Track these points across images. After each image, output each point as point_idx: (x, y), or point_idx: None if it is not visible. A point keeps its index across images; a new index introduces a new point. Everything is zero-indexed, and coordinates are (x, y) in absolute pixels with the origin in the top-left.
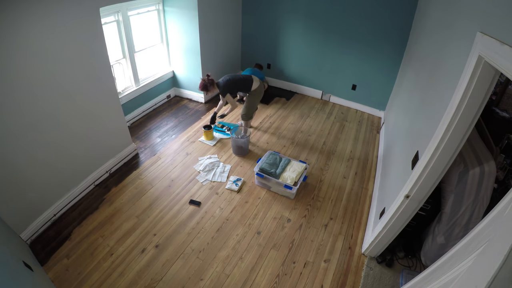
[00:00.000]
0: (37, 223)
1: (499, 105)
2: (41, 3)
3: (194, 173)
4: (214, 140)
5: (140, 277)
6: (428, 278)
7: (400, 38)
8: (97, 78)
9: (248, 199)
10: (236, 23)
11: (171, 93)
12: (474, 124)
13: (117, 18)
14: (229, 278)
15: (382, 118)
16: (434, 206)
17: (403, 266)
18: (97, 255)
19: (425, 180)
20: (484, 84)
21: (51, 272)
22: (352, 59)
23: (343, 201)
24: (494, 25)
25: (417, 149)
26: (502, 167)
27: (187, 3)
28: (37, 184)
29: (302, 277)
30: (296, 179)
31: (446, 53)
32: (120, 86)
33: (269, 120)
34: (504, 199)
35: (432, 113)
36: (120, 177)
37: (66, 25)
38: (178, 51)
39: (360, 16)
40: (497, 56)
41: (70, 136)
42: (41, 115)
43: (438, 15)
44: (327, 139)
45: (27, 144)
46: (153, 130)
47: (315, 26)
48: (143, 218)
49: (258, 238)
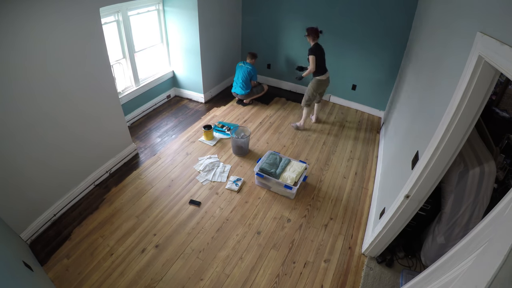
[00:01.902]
0: (37, 223)
1: (499, 105)
2: (41, 3)
3: (194, 173)
4: (214, 140)
5: (140, 277)
6: (428, 278)
7: (400, 38)
8: (97, 78)
9: (248, 199)
10: (236, 23)
11: (171, 93)
12: (474, 124)
13: (117, 18)
14: (229, 278)
15: (382, 118)
16: (434, 206)
17: (403, 266)
18: (97, 255)
19: (425, 180)
20: (484, 84)
21: (51, 272)
22: (352, 59)
23: (343, 201)
24: (494, 25)
25: (417, 149)
26: (502, 167)
27: (187, 3)
28: (37, 184)
29: (302, 277)
30: (296, 179)
31: (446, 53)
32: (120, 86)
33: (269, 120)
34: (504, 199)
35: (432, 113)
36: (120, 177)
37: (66, 25)
38: (178, 51)
39: (360, 16)
40: (497, 56)
41: (70, 136)
42: (40, 115)
43: (438, 15)
44: (327, 139)
45: (27, 144)
46: (153, 130)
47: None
48: (143, 218)
49: (258, 238)
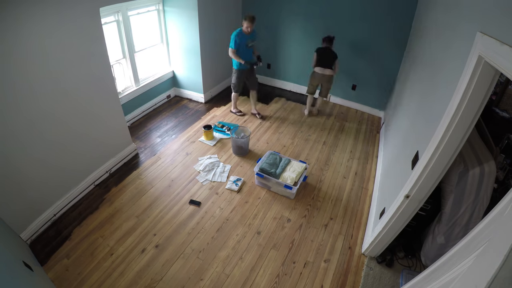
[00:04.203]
0: (37, 223)
1: (499, 105)
2: (41, 3)
3: (194, 173)
4: (214, 140)
5: (140, 277)
6: (428, 278)
7: (400, 38)
8: (97, 78)
9: (248, 199)
10: (236, 23)
11: (171, 93)
12: (474, 124)
13: (117, 18)
14: (229, 278)
15: (382, 118)
16: (434, 206)
17: (403, 266)
18: (97, 255)
19: (425, 180)
20: (484, 84)
21: (51, 272)
22: (352, 59)
23: (343, 201)
24: (494, 25)
25: (417, 149)
26: (502, 167)
27: (187, 3)
28: (37, 184)
29: (302, 277)
30: (296, 179)
31: (446, 53)
32: (120, 86)
33: (269, 120)
34: (504, 199)
35: (432, 113)
36: (120, 177)
37: (66, 25)
38: (178, 51)
39: (360, 16)
40: (497, 56)
41: (70, 136)
42: (41, 115)
43: (438, 15)
44: (327, 139)
45: (27, 144)
46: (153, 130)
47: (315, 27)
48: (143, 218)
49: (258, 238)
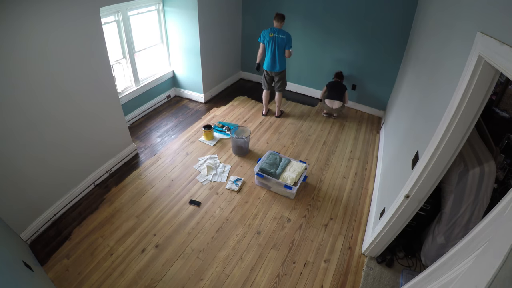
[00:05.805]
0: (37, 223)
1: (499, 105)
2: (41, 3)
3: (194, 173)
4: (214, 140)
5: (140, 277)
6: (428, 278)
7: (400, 38)
8: (97, 78)
9: (248, 199)
10: (236, 23)
11: (171, 93)
12: (474, 124)
13: (117, 18)
14: (229, 278)
15: (382, 118)
16: (434, 206)
17: (403, 266)
18: (97, 255)
19: (425, 180)
20: (484, 84)
21: (51, 272)
22: (352, 59)
23: (343, 201)
24: (494, 25)
25: (417, 149)
26: (502, 167)
27: (187, 3)
28: (37, 184)
29: (302, 277)
30: (296, 179)
31: (446, 53)
32: (120, 86)
33: (269, 120)
34: (504, 199)
35: (432, 113)
36: (120, 177)
37: (66, 25)
38: (178, 51)
39: (360, 16)
40: (497, 56)
41: (70, 136)
42: (40, 115)
43: (438, 15)
44: (327, 139)
45: (27, 144)
46: (153, 130)
47: (315, 27)
48: (143, 218)
49: (258, 238)
